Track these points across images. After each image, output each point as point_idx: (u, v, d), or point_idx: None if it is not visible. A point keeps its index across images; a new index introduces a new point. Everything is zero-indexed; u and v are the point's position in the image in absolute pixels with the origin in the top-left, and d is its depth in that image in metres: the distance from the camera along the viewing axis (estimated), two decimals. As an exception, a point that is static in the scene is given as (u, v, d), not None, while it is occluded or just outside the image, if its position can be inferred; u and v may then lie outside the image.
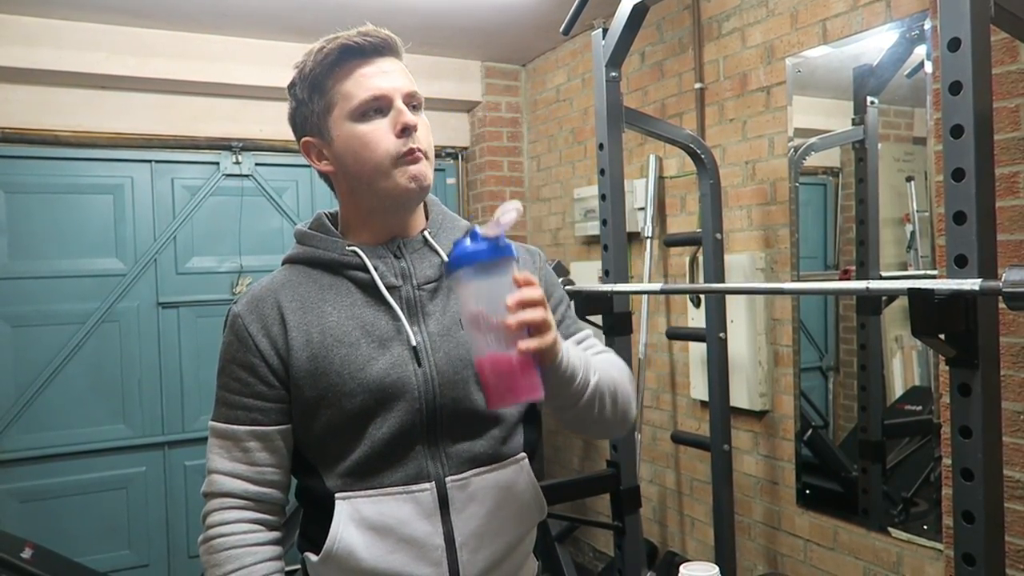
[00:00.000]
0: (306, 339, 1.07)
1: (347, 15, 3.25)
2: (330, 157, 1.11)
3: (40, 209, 3.34)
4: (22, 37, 3.08)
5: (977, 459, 1.17)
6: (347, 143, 1.08)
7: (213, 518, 1.08)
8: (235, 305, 1.14)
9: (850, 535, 2.33)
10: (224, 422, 1.10)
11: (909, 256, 2.24)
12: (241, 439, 1.09)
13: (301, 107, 1.12)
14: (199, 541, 1.09)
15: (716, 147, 2.71)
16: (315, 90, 1.09)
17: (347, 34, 1.08)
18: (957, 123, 1.18)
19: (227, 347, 1.12)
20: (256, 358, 1.09)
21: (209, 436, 1.12)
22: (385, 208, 1.12)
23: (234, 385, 1.10)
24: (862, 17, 2.22)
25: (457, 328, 1.11)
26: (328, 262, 1.12)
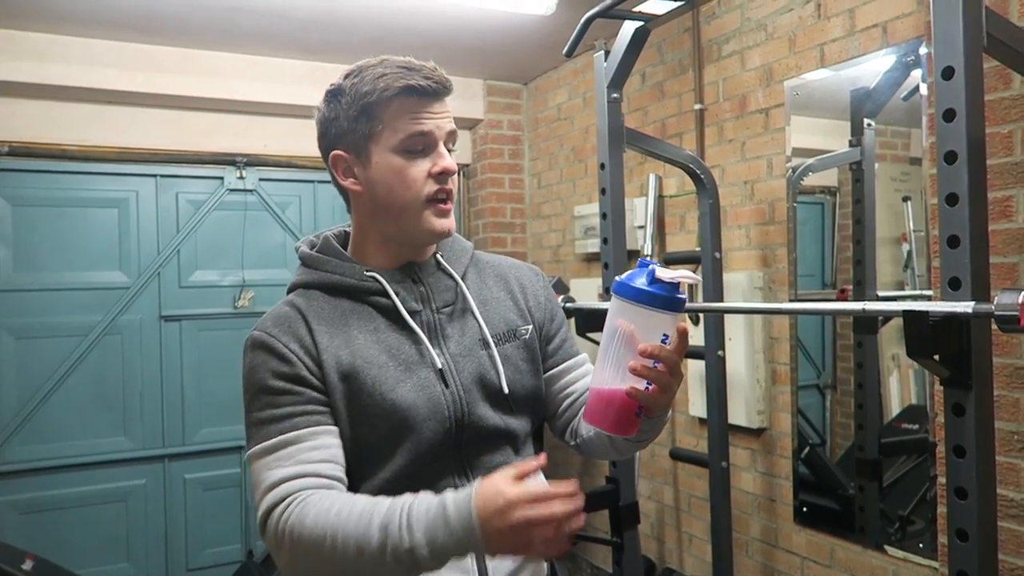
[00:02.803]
0: (336, 360, 1.06)
1: (353, 34, 3.33)
2: (361, 179, 1.12)
3: (46, 222, 3.36)
4: (32, 53, 3.12)
5: (971, 478, 1.19)
6: (384, 173, 1.09)
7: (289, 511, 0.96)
8: (256, 331, 1.09)
9: (847, 553, 2.34)
10: (278, 435, 1.01)
11: (906, 275, 2.26)
12: (303, 440, 1.01)
13: (340, 121, 1.11)
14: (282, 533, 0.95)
15: (715, 167, 2.75)
16: (365, 113, 1.09)
17: (410, 71, 1.08)
18: (951, 149, 1.21)
19: (260, 366, 1.06)
20: (301, 369, 1.05)
21: (254, 463, 1.02)
22: (403, 241, 1.14)
23: (279, 400, 1.03)
24: (859, 42, 2.26)
25: (476, 348, 1.14)
26: (349, 288, 1.12)
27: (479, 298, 1.19)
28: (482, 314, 1.17)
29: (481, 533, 0.87)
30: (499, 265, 1.28)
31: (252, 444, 1.04)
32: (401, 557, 0.89)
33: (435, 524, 0.89)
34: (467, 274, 1.21)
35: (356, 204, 1.15)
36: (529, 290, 1.26)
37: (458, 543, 0.89)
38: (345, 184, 1.13)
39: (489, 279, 1.24)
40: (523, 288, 1.25)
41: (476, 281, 1.22)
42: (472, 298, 1.17)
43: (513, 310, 1.21)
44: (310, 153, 3.81)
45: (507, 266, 1.28)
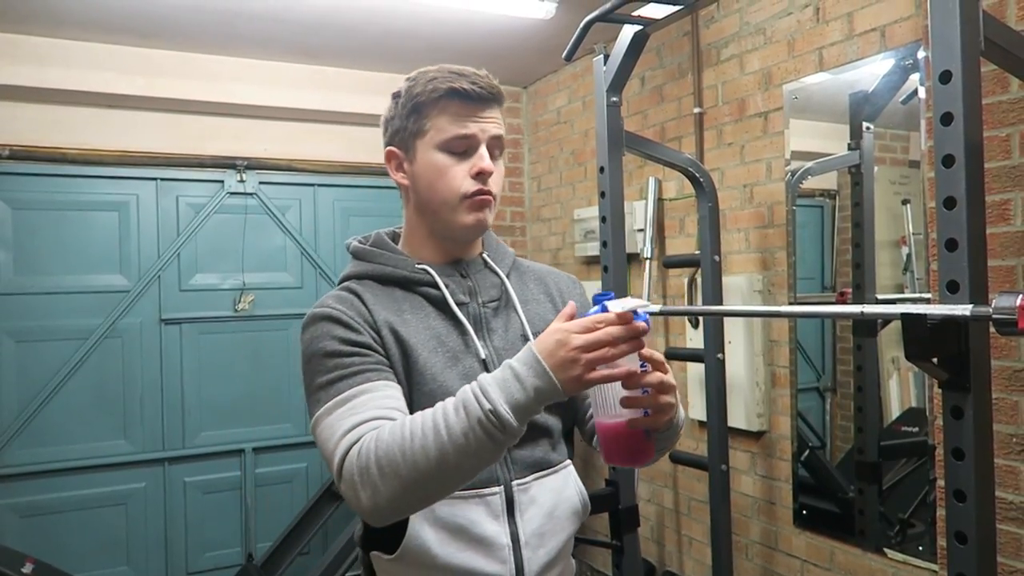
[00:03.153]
0: (394, 336, 1.12)
1: (353, 38, 3.34)
2: (408, 173, 1.20)
3: (46, 225, 3.37)
4: (32, 56, 3.13)
5: (970, 481, 1.19)
6: (426, 168, 1.16)
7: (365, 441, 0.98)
8: (317, 308, 1.14)
9: (846, 556, 2.34)
10: (348, 390, 1.04)
11: (905, 278, 2.27)
12: (377, 391, 1.05)
13: (395, 119, 1.20)
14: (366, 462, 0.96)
15: (715, 170, 2.75)
16: (415, 111, 1.16)
17: (459, 76, 1.16)
18: (948, 153, 1.21)
19: (324, 335, 1.09)
20: (366, 336, 1.10)
21: (324, 420, 1.04)
22: (445, 235, 1.21)
23: (346, 360, 1.07)
24: (857, 46, 2.26)
25: (518, 343, 1.19)
26: (400, 279, 1.19)
27: (522, 297, 1.25)
28: (524, 312, 1.23)
29: (552, 371, 0.92)
30: (539, 270, 1.35)
31: (320, 406, 1.05)
32: (487, 425, 0.91)
33: (508, 383, 0.93)
34: (510, 274, 1.28)
35: (406, 200, 1.23)
36: (567, 295, 1.32)
37: (536, 391, 0.92)
38: (396, 178, 1.22)
39: (530, 282, 1.30)
40: (560, 292, 1.32)
41: (518, 282, 1.28)
42: (516, 296, 1.24)
43: (552, 312, 1.26)
44: (310, 156, 3.84)
45: (546, 272, 1.36)
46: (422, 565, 1.10)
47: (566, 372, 0.92)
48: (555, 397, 0.94)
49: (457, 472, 0.95)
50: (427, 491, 0.97)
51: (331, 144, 3.87)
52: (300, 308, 3.82)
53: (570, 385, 0.92)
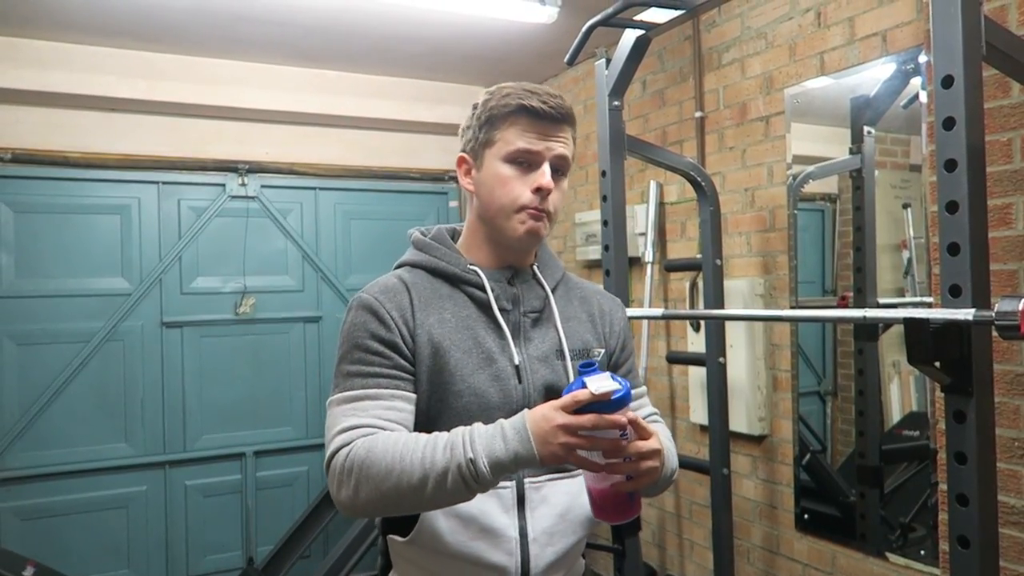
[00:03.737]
0: (428, 336, 1.17)
1: (355, 42, 3.34)
2: (474, 180, 1.26)
3: (48, 229, 3.37)
4: (35, 60, 3.14)
5: (972, 485, 1.19)
6: (490, 177, 1.22)
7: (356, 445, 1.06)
8: (364, 294, 1.19)
9: (848, 560, 2.34)
10: (360, 389, 1.12)
11: (906, 282, 2.27)
12: (382, 399, 1.12)
13: (471, 129, 1.26)
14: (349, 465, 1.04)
15: (716, 174, 2.76)
16: (487, 123, 1.23)
17: (532, 93, 1.21)
18: (951, 157, 1.21)
19: (362, 325, 1.16)
20: (397, 336, 1.16)
21: (333, 408, 1.13)
22: (500, 242, 1.25)
23: (370, 358, 1.14)
24: (859, 50, 2.27)
25: (553, 356, 1.25)
26: (450, 275, 1.24)
27: (563, 313, 1.29)
28: (563, 328, 1.27)
29: (534, 442, 1.02)
30: (585, 288, 1.39)
31: (336, 392, 1.14)
32: (464, 471, 1.01)
33: (494, 440, 1.03)
34: (556, 289, 1.32)
35: (470, 204, 1.29)
36: (608, 316, 1.36)
37: (515, 455, 1.02)
38: (463, 183, 1.28)
39: (575, 299, 1.34)
40: (603, 313, 1.36)
41: (563, 297, 1.32)
42: (557, 311, 1.28)
43: (591, 331, 1.31)
44: (312, 160, 3.84)
45: (592, 291, 1.39)
46: (432, 550, 1.16)
47: (546, 446, 1.02)
48: (532, 464, 1.03)
49: (430, 501, 1.05)
50: (399, 507, 1.07)
51: (333, 148, 3.88)
52: (301, 311, 3.83)
53: (549, 458, 1.02)
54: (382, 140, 3.99)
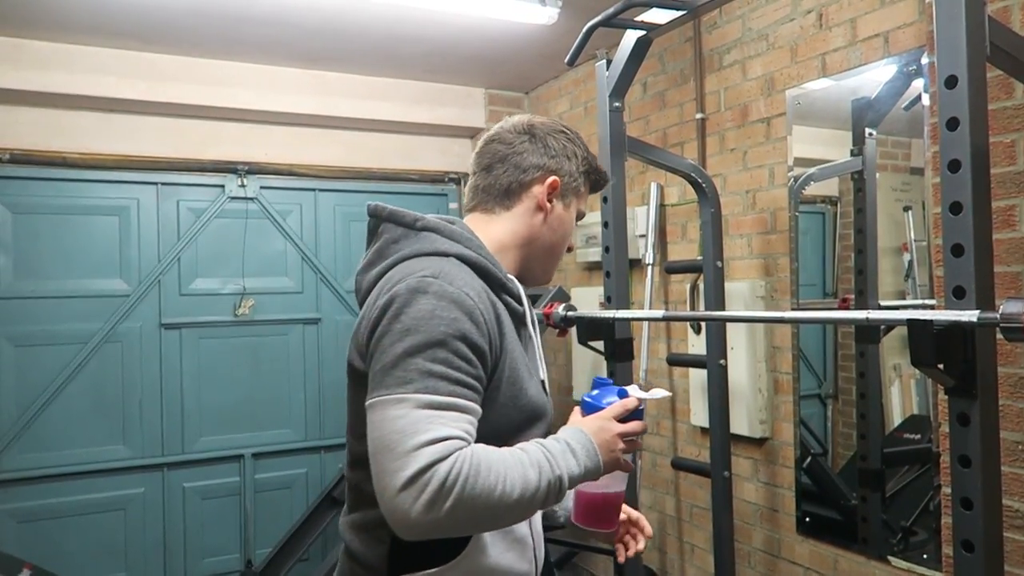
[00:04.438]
0: (505, 343, 1.14)
1: (355, 43, 3.34)
2: (552, 209, 1.29)
3: (46, 229, 3.36)
4: (34, 61, 3.13)
5: (976, 489, 1.18)
6: (563, 221, 1.31)
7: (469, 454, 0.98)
8: (450, 286, 1.07)
9: (850, 563, 2.33)
10: (448, 395, 1.00)
11: (907, 285, 2.26)
12: (469, 413, 1.03)
13: (570, 164, 1.30)
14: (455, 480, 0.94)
15: (717, 176, 2.75)
16: (585, 176, 1.33)
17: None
18: (954, 158, 1.20)
19: (451, 322, 1.03)
20: (486, 345, 1.08)
21: (412, 407, 0.98)
22: (525, 267, 1.30)
23: (457, 362, 1.03)
24: (861, 52, 2.26)
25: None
26: (496, 280, 1.19)
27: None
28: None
29: (600, 453, 1.10)
30: None
31: (409, 389, 0.99)
32: (552, 486, 1.03)
33: (567, 456, 1.07)
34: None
35: (525, 220, 1.28)
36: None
37: (586, 468, 1.08)
38: (542, 200, 1.27)
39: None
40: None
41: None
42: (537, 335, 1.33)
43: None
44: (311, 161, 3.83)
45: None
46: (476, 567, 1.13)
47: (610, 454, 1.12)
48: (597, 475, 1.11)
49: (515, 518, 1.06)
50: (483, 525, 1.06)
51: (332, 149, 3.87)
52: (300, 313, 3.82)
53: (610, 465, 1.13)
54: (382, 141, 3.99)
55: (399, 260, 1.16)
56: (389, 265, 1.17)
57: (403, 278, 1.08)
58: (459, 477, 0.94)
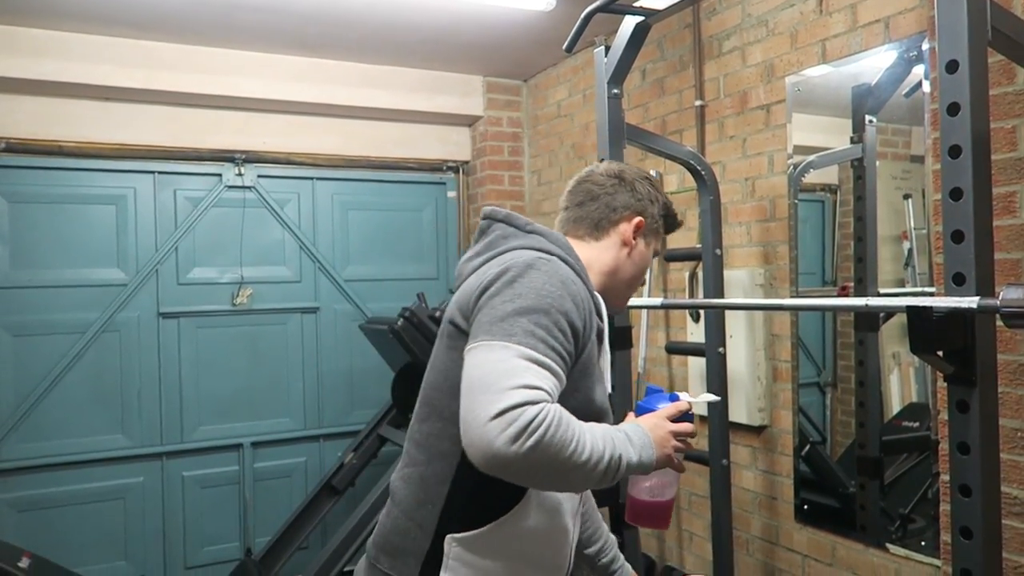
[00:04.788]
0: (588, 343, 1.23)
1: (352, 31, 3.31)
2: (636, 245, 1.41)
3: (43, 219, 3.35)
4: (30, 49, 3.11)
5: (975, 476, 1.18)
6: (644, 258, 1.44)
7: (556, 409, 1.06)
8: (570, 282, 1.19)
9: (848, 551, 2.33)
10: (545, 357, 1.09)
11: (906, 273, 2.25)
12: (557, 377, 1.11)
13: (654, 209, 1.44)
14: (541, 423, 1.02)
15: (716, 164, 2.74)
16: (664, 220, 1.46)
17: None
18: (955, 143, 1.20)
19: (561, 302, 1.15)
20: (581, 327, 1.18)
21: (513, 355, 1.07)
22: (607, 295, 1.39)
23: (556, 333, 1.13)
24: (861, 38, 2.25)
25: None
26: (591, 290, 1.29)
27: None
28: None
29: (655, 448, 1.19)
30: None
31: (514, 341, 1.08)
32: (613, 463, 1.11)
33: (627, 444, 1.15)
34: None
35: (612, 252, 1.40)
36: None
37: (640, 461, 1.16)
38: (629, 235, 1.40)
39: None
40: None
41: None
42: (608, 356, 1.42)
43: None
44: (309, 150, 3.82)
45: None
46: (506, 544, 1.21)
47: (662, 449, 1.20)
48: (647, 469, 1.18)
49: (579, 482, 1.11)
50: (552, 478, 1.08)
51: (330, 137, 3.85)
52: (299, 302, 3.81)
53: (662, 460, 1.21)
54: (380, 130, 3.97)
55: (508, 250, 1.26)
56: (498, 254, 1.27)
57: (516, 257, 1.21)
58: (543, 422, 1.01)
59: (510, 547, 1.21)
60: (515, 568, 1.23)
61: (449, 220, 4.21)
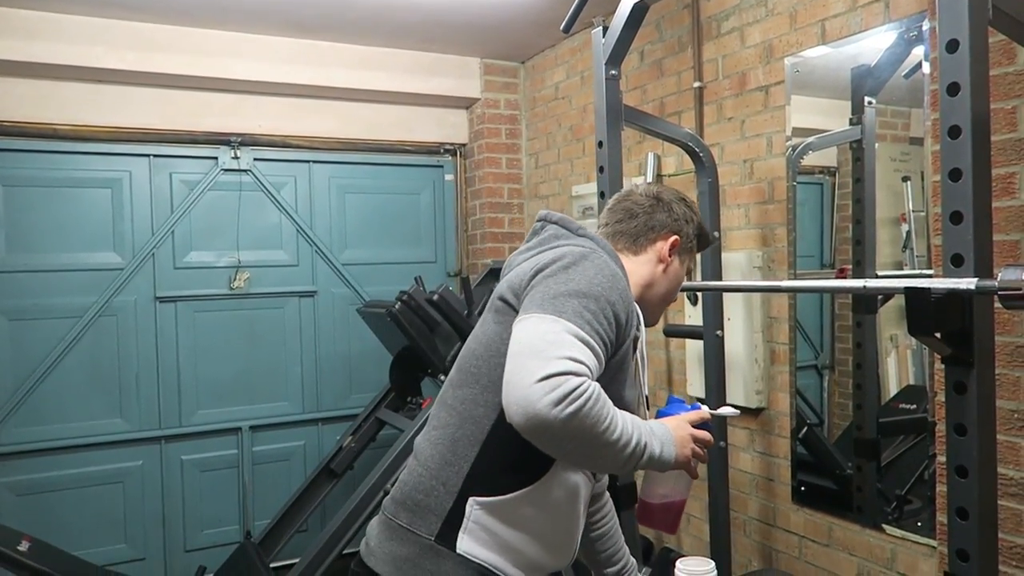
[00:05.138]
0: (627, 339, 1.29)
1: (347, 11, 3.28)
2: (670, 262, 1.48)
3: (38, 203, 3.34)
4: (21, 30, 3.08)
5: (972, 457, 1.18)
6: (676, 273, 1.50)
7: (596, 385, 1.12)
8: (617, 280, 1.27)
9: (845, 532, 2.34)
10: (589, 338, 1.16)
11: (905, 256, 2.25)
12: (598, 359, 1.17)
13: (688, 233, 1.50)
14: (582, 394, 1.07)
15: (714, 145, 2.72)
16: (697, 239, 1.52)
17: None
18: (955, 124, 1.19)
19: (609, 291, 1.22)
20: (624, 318, 1.25)
21: (562, 330, 1.14)
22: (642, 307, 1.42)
23: (602, 320, 1.19)
24: (861, 18, 2.23)
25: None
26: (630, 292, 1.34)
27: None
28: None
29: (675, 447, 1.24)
30: None
31: (564, 317, 1.15)
32: (638, 449, 1.17)
33: (651, 437, 1.20)
34: None
35: (648, 267, 1.47)
36: None
37: (661, 457, 1.21)
38: (665, 253, 1.47)
39: None
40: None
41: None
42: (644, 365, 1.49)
43: None
44: (305, 132, 3.80)
45: None
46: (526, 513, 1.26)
47: (682, 449, 1.26)
48: (666, 466, 1.24)
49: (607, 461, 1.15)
50: (583, 451, 1.11)
51: (326, 120, 3.83)
52: (296, 286, 3.80)
53: (681, 460, 1.25)
54: (377, 112, 3.95)
55: (559, 247, 1.33)
56: (550, 248, 1.34)
57: (572, 248, 1.29)
58: (584, 393, 1.07)
59: (528, 519, 1.26)
60: (530, 541, 1.27)
61: (447, 203, 4.19)
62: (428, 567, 1.22)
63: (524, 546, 1.26)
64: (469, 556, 1.23)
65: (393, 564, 1.25)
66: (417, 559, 1.23)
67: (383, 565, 1.25)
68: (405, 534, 1.26)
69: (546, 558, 1.31)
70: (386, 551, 1.26)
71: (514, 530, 1.25)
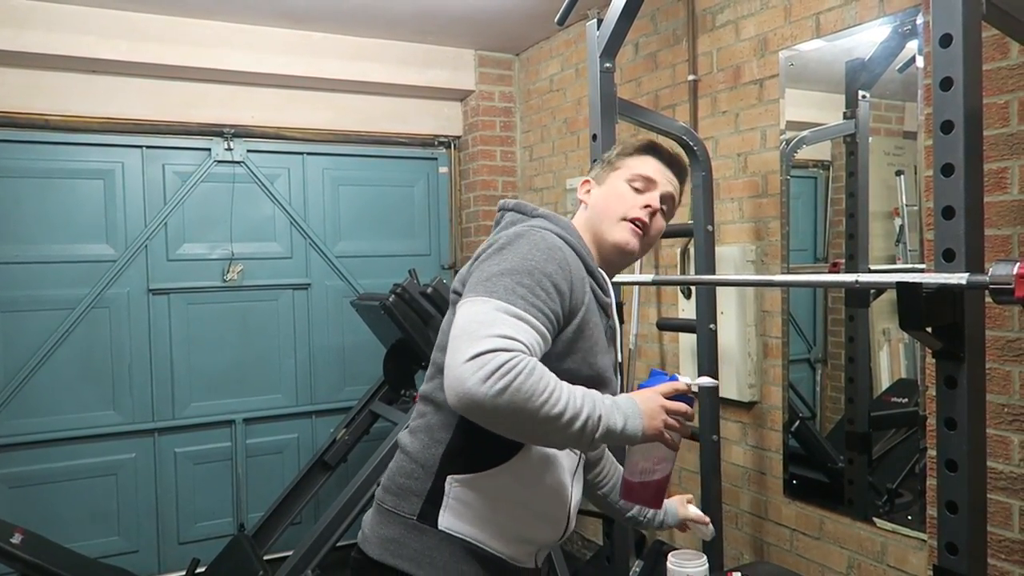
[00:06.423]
0: (581, 309, 1.28)
1: (341, 2, 3.26)
2: (591, 194, 1.46)
3: (30, 194, 3.32)
4: (12, 19, 3.06)
5: (962, 450, 1.19)
6: (608, 190, 1.44)
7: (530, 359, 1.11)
8: (560, 242, 1.28)
9: (836, 525, 2.35)
10: (524, 311, 1.16)
11: (898, 250, 2.25)
12: (539, 332, 1.17)
13: (601, 161, 1.49)
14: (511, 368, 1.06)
15: (708, 139, 2.72)
16: (620, 155, 1.46)
17: (660, 142, 1.48)
18: (947, 119, 1.19)
19: (544, 265, 1.22)
20: (567, 289, 1.24)
21: (491, 309, 1.14)
22: (599, 251, 1.42)
23: (539, 292, 1.19)
24: (855, 11, 2.23)
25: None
26: (588, 264, 1.35)
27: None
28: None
29: (643, 419, 1.18)
30: None
31: (494, 296, 1.16)
32: (591, 424, 1.12)
33: (612, 411, 1.16)
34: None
35: (580, 217, 1.45)
36: None
37: (624, 430, 1.17)
38: (579, 195, 1.47)
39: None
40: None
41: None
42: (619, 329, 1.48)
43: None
44: (299, 124, 3.78)
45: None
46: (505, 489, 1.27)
47: (652, 421, 1.19)
48: (635, 440, 1.19)
49: (552, 435, 1.13)
50: (523, 427, 1.10)
51: (320, 112, 3.81)
52: (290, 279, 3.79)
53: (652, 432, 1.19)
54: (371, 104, 3.93)
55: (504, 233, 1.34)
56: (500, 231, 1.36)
57: (508, 231, 1.30)
58: (514, 368, 1.06)
59: (509, 493, 1.28)
60: (513, 514, 1.29)
61: (441, 196, 4.18)
62: (413, 545, 1.26)
63: (507, 519, 1.29)
64: (451, 531, 1.26)
65: (382, 546, 1.29)
66: (402, 538, 1.27)
67: (374, 548, 1.30)
68: (390, 516, 1.30)
69: (534, 531, 1.33)
70: (377, 534, 1.31)
71: (495, 503, 1.27)
